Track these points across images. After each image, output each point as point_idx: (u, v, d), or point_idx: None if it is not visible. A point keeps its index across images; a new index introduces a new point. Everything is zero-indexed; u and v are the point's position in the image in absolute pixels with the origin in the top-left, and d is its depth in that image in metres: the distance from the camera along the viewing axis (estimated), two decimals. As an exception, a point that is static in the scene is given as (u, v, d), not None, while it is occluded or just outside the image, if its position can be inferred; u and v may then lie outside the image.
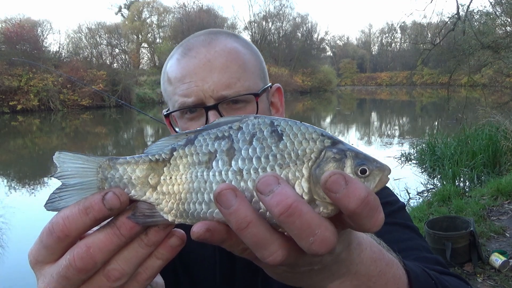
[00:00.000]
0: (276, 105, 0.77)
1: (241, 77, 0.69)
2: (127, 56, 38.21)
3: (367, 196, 0.38)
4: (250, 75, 0.70)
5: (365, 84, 64.93)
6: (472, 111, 12.05)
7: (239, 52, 0.71)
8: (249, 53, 0.73)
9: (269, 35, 51.33)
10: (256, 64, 0.73)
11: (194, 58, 0.69)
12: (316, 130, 0.45)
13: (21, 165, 12.08)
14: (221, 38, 0.71)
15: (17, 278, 4.56)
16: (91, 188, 0.45)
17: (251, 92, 0.69)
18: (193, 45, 0.71)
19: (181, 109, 0.69)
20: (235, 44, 0.72)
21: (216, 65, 0.68)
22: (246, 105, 0.69)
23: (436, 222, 3.66)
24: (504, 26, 12.78)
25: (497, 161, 7.00)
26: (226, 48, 0.70)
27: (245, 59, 0.71)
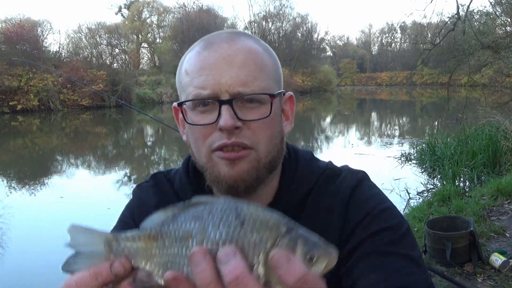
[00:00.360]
0: (286, 113, 0.77)
1: (258, 76, 0.69)
2: (127, 56, 38.21)
3: (305, 275, 0.44)
4: (267, 77, 0.71)
5: (365, 84, 64.92)
6: (472, 111, 12.05)
7: (259, 53, 0.72)
8: (268, 56, 0.74)
9: (269, 35, 51.31)
10: (274, 68, 0.74)
11: (215, 52, 0.69)
12: (273, 217, 0.50)
13: (21, 165, 12.08)
14: (243, 38, 0.73)
15: (17, 278, 4.57)
16: (100, 256, 0.56)
17: (267, 92, 0.69)
18: (215, 40, 0.72)
19: (195, 99, 0.69)
20: (255, 45, 0.73)
21: (236, 61, 0.68)
22: (260, 105, 0.69)
23: (436, 222, 3.66)
24: (504, 26, 12.78)
25: (497, 161, 6.99)
26: (247, 47, 0.71)
27: (264, 61, 0.72)
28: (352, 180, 0.80)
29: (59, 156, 13.61)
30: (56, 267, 2.80)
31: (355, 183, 0.79)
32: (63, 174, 10.78)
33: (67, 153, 14.14)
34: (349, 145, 13.44)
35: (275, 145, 0.72)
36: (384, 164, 9.29)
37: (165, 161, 12.21)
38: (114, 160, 12.93)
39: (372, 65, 69.22)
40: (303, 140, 15.86)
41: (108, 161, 12.83)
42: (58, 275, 2.63)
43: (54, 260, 4.93)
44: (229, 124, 0.66)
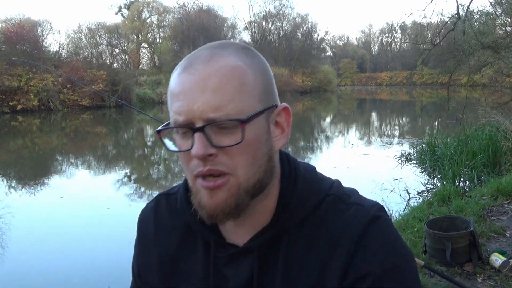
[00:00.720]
0: (281, 125, 0.73)
1: (234, 98, 0.65)
2: (127, 56, 38.18)
3: None
4: (246, 97, 0.67)
5: (365, 84, 64.90)
6: (472, 111, 12.05)
7: (239, 70, 0.67)
8: (251, 72, 0.69)
9: (269, 35, 51.32)
10: (258, 84, 0.69)
11: (191, 75, 0.67)
12: None
13: (21, 165, 12.08)
14: (225, 54, 0.68)
15: (16, 278, 4.57)
16: None
17: (238, 118, 0.65)
18: (194, 60, 0.68)
19: (173, 127, 0.69)
20: (238, 61, 0.68)
21: (210, 85, 0.65)
22: (235, 130, 0.65)
23: (436, 222, 3.66)
24: (504, 26, 12.78)
25: (497, 161, 6.99)
26: (225, 66, 0.66)
27: (243, 79, 0.67)
28: (364, 217, 0.72)
29: (59, 156, 13.61)
30: (55, 267, 2.86)
31: (366, 223, 0.71)
32: (63, 174, 10.78)
33: (67, 153, 14.14)
34: (349, 145, 13.44)
35: (258, 167, 0.69)
36: (384, 164, 9.29)
37: (165, 161, 12.20)
38: (114, 160, 12.93)
39: (372, 65, 69.20)
40: (303, 140, 15.86)
41: (108, 161, 12.83)
42: (57, 274, 2.68)
43: (53, 260, 4.94)
44: (200, 153, 0.64)
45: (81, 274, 4.56)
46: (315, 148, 14.31)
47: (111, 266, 4.75)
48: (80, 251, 5.16)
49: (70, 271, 4.63)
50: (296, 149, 13.98)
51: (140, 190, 8.82)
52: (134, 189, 8.82)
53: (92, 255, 5.05)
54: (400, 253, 0.71)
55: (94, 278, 4.48)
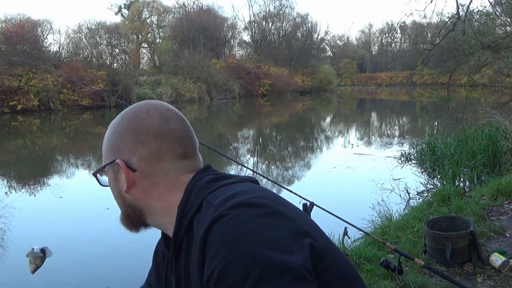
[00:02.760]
0: (121, 175, 0.89)
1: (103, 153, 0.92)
2: (127, 56, 38.13)
3: None
4: (103, 155, 0.91)
5: (365, 84, 64.88)
6: (472, 111, 12.05)
7: (105, 134, 0.94)
8: (107, 134, 0.93)
9: (269, 35, 51.26)
10: (107, 142, 0.91)
11: None
12: None
13: (21, 165, 12.08)
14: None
15: (16, 278, 4.56)
16: None
17: (93, 171, 0.93)
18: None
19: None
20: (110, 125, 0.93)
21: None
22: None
23: (436, 222, 3.66)
24: (504, 26, 12.77)
25: (497, 161, 7.00)
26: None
27: (104, 142, 0.92)
28: (210, 217, 0.72)
29: (59, 156, 13.61)
30: (55, 267, 2.86)
31: (209, 224, 0.71)
32: (63, 174, 10.78)
33: (67, 153, 14.14)
34: (349, 145, 13.44)
35: (120, 203, 0.90)
36: (384, 164, 9.29)
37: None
38: (114, 160, 12.91)
39: (372, 65, 69.17)
40: (303, 140, 15.87)
41: (108, 161, 12.81)
42: (57, 275, 2.68)
43: (53, 260, 4.93)
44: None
45: (80, 274, 4.56)
46: (315, 148, 14.31)
47: (110, 266, 4.75)
48: (79, 251, 5.16)
49: (69, 271, 4.63)
50: (296, 149, 13.98)
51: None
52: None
53: (92, 255, 5.05)
54: (238, 247, 0.66)
55: (93, 278, 4.48)
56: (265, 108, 32.54)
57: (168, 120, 0.87)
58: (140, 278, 1.04)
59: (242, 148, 14.72)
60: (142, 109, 0.89)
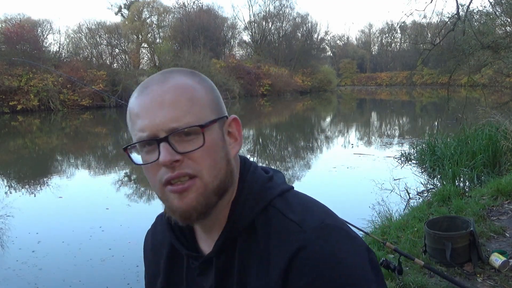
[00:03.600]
0: (233, 135, 0.81)
1: (190, 110, 0.74)
2: (127, 56, 38.14)
3: None
4: (199, 108, 0.76)
5: (365, 84, 64.88)
6: (472, 111, 12.05)
7: (190, 87, 0.77)
8: (201, 88, 0.78)
9: (269, 35, 51.27)
10: (208, 97, 0.78)
11: (148, 95, 0.75)
12: None
13: (21, 165, 12.09)
14: (175, 76, 0.78)
15: (16, 278, 4.56)
16: None
17: (198, 124, 0.74)
18: (149, 83, 0.77)
19: (138, 142, 0.76)
20: (187, 80, 0.78)
21: (166, 101, 0.74)
22: (196, 136, 0.74)
23: (436, 222, 3.66)
24: (504, 26, 12.77)
25: (497, 161, 6.99)
26: (177, 84, 0.76)
27: (195, 94, 0.76)
28: (296, 241, 0.72)
29: (59, 156, 13.61)
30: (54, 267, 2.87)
31: (297, 248, 0.72)
32: (63, 174, 10.78)
33: (67, 153, 14.14)
34: (349, 145, 13.44)
35: (220, 169, 0.75)
36: (384, 164, 9.29)
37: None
38: (114, 160, 12.93)
39: (372, 65, 69.18)
40: (303, 140, 15.87)
41: (108, 161, 12.83)
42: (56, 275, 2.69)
43: (52, 260, 4.94)
44: (167, 159, 0.71)
45: (79, 274, 4.56)
46: (315, 148, 14.31)
47: (109, 266, 4.75)
48: (79, 251, 5.16)
49: (69, 271, 4.62)
50: (296, 149, 13.99)
51: (140, 190, 8.81)
52: (133, 189, 8.82)
53: (91, 255, 5.05)
54: (330, 280, 0.69)
55: (92, 278, 4.48)
56: (265, 108, 32.55)
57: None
58: (140, 278, 1.03)
59: (242, 148, 14.68)
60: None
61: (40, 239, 5.60)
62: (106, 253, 5.11)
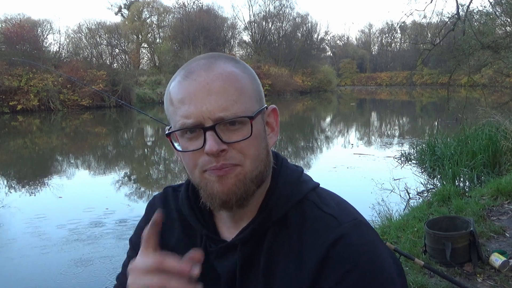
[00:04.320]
0: (271, 125, 0.82)
1: (237, 99, 0.73)
2: (127, 56, 38.16)
3: None
4: (247, 98, 0.74)
5: (365, 84, 64.87)
6: (472, 111, 12.05)
7: (237, 76, 0.75)
8: (246, 77, 0.77)
9: (269, 35, 51.26)
10: (253, 87, 0.77)
11: (194, 81, 0.73)
12: None
13: (21, 165, 12.08)
14: (220, 62, 0.75)
15: (16, 278, 4.56)
16: None
17: (247, 115, 0.73)
18: (194, 68, 0.75)
19: (182, 129, 0.74)
20: (233, 68, 0.76)
21: (214, 88, 0.72)
22: (242, 126, 0.73)
23: (436, 222, 3.66)
24: (504, 26, 12.77)
25: (497, 161, 7.00)
26: (225, 72, 0.74)
27: (242, 83, 0.75)
28: (333, 233, 0.74)
29: (59, 156, 13.61)
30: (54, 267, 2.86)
31: (333, 240, 0.73)
32: (63, 174, 10.78)
33: (67, 153, 14.14)
34: (349, 145, 13.44)
35: (261, 160, 0.76)
36: (384, 164, 9.29)
37: (165, 161, 12.21)
38: (114, 160, 12.93)
39: (372, 65, 69.17)
40: (303, 140, 15.87)
41: (107, 161, 12.83)
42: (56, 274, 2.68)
43: (52, 260, 4.94)
44: (214, 149, 0.70)
45: (79, 274, 4.56)
46: (315, 148, 14.31)
47: (109, 266, 4.75)
48: (78, 251, 5.16)
49: (68, 271, 4.63)
50: (296, 149, 13.98)
51: (139, 190, 8.82)
52: (133, 189, 8.82)
53: (91, 255, 5.05)
54: (366, 272, 0.70)
55: (92, 278, 4.48)
56: (265, 108, 32.48)
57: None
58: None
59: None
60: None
61: (40, 238, 5.59)
62: (106, 253, 5.11)
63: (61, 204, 7.42)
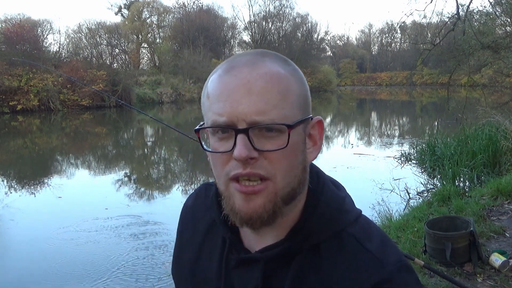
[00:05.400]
0: (314, 138, 0.72)
1: (278, 104, 0.65)
2: (127, 56, 38.17)
3: None
4: (289, 104, 0.66)
5: (365, 84, 64.83)
6: (472, 111, 12.05)
7: (283, 78, 0.67)
8: (294, 81, 0.69)
9: (269, 35, 51.26)
10: (299, 93, 0.69)
11: (235, 77, 0.66)
12: None
13: (21, 165, 12.08)
14: (268, 61, 0.68)
15: (16, 278, 4.56)
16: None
17: (285, 123, 0.65)
18: (237, 63, 0.68)
19: (212, 127, 0.67)
20: (280, 69, 0.68)
21: (255, 88, 0.65)
22: (279, 135, 0.65)
23: (436, 222, 3.66)
24: (504, 26, 12.77)
25: (497, 161, 7.00)
26: (270, 72, 0.66)
27: (287, 87, 0.67)
28: (376, 275, 0.67)
29: (59, 156, 13.61)
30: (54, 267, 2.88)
31: (375, 284, 0.66)
32: (63, 174, 10.78)
33: (67, 153, 14.14)
34: (349, 145, 13.44)
35: (295, 176, 0.68)
36: (384, 164, 9.29)
37: (165, 161, 12.21)
38: (114, 160, 12.93)
39: (372, 65, 69.14)
40: (303, 140, 15.83)
41: (107, 161, 12.83)
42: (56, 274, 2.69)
43: (52, 259, 4.94)
44: (243, 155, 0.63)
45: (78, 274, 4.56)
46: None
47: (108, 266, 4.75)
48: (78, 251, 5.16)
49: (68, 271, 4.63)
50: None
51: (139, 190, 8.81)
52: (132, 189, 8.82)
53: (90, 254, 5.05)
54: None
55: (91, 278, 4.48)
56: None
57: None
58: (139, 278, 1.03)
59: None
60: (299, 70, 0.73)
61: (40, 238, 5.59)
62: (105, 253, 5.11)
63: (61, 204, 7.41)
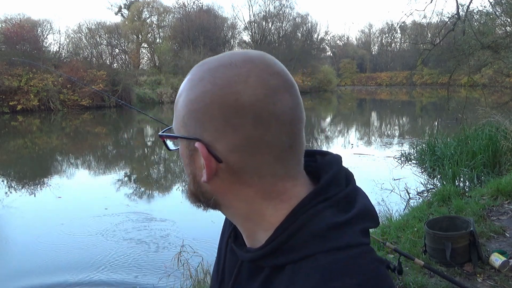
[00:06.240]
0: (200, 162, 0.65)
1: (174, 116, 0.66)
2: (127, 56, 38.16)
3: None
4: (179, 115, 0.64)
5: (365, 84, 64.85)
6: (472, 111, 12.05)
7: (184, 88, 0.64)
8: (184, 95, 0.63)
9: (269, 35, 51.27)
10: (191, 105, 0.62)
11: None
12: None
13: (21, 165, 12.08)
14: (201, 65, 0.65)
15: (16, 279, 4.56)
16: None
17: (161, 134, 0.69)
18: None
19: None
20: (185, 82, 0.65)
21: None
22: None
23: (436, 222, 3.66)
24: (504, 26, 12.78)
25: (497, 161, 7.00)
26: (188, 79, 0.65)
27: (177, 100, 0.65)
28: None
29: (59, 156, 13.61)
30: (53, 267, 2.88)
31: None
32: (63, 174, 10.78)
33: (67, 153, 14.14)
34: (349, 145, 13.43)
35: (189, 181, 0.67)
36: (384, 164, 9.29)
37: (165, 161, 12.20)
38: (114, 160, 12.93)
39: (372, 65, 69.15)
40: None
41: (107, 161, 12.83)
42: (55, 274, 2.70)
43: (52, 259, 4.94)
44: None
45: (78, 273, 4.56)
46: (315, 148, 14.29)
47: (108, 266, 4.75)
48: (78, 251, 5.16)
49: (67, 271, 4.63)
50: (296, 149, 13.98)
51: (139, 190, 8.82)
52: (132, 189, 8.82)
53: (90, 254, 5.05)
54: None
55: (92, 277, 4.48)
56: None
57: (276, 93, 0.62)
58: (139, 277, 1.03)
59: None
60: (240, 74, 0.60)
61: (39, 238, 5.59)
62: (105, 253, 5.11)
63: (61, 204, 7.42)
